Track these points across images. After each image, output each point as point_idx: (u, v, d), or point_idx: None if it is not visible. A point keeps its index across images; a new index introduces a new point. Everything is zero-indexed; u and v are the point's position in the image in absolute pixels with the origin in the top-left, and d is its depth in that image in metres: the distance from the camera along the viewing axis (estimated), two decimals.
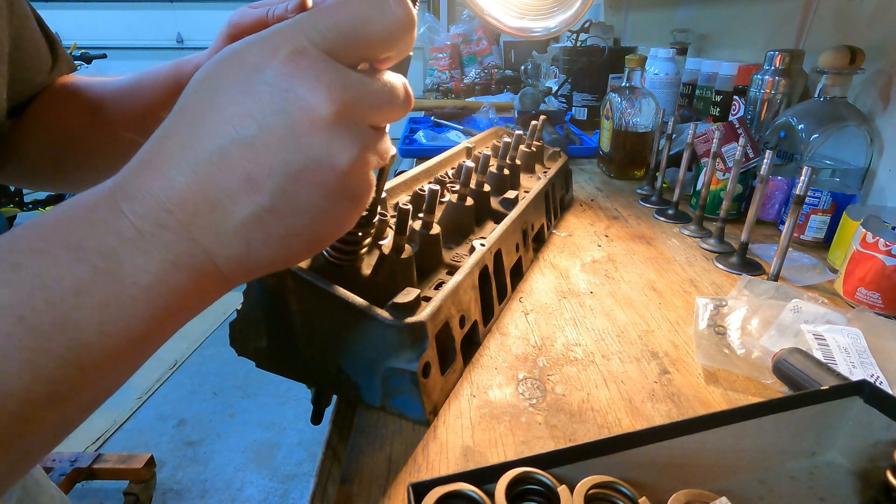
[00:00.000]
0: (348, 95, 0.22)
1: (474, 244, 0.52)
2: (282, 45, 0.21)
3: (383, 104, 0.23)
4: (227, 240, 0.22)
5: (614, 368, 0.47)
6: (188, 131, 0.22)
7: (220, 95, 0.21)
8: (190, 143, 0.21)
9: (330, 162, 0.22)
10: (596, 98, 1.46)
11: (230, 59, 0.22)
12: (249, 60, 0.21)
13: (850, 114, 0.72)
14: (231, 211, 0.22)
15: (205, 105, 0.22)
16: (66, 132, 0.49)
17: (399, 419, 0.40)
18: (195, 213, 0.21)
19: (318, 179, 0.22)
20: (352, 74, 0.22)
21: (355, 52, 0.22)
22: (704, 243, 0.72)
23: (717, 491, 0.29)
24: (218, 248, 0.22)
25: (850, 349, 0.45)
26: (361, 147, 0.23)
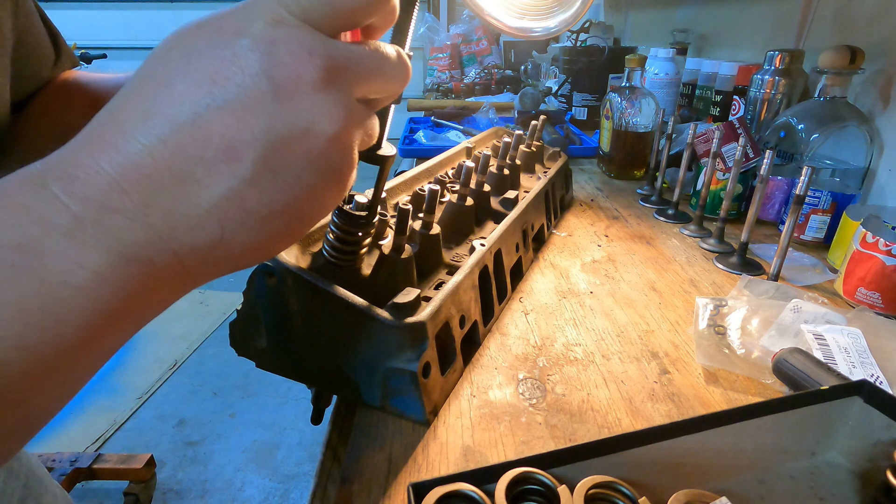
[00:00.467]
0: (332, 61, 0.20)
1: (474, 244, 0.52)
2: (259, 13, 0.20)
3: (372, 72, 0.22)
4: (198, 221, 0.19)
5: (614, 368, 0.47)
6: (153, 98, 0.19)
7: (193, 60, 0.19)
8: (156, 110, 0.19)
9: (314, 129, 0.20)
10: (596, 98, 1.46)
11: (203, 26, 0.20)
12: (226, 26, 0.20)
13: (850, 114, 0.72)
14: (206, 185, 0.19)
15: (173, 71, 0.19)
16: (68, 127, 0.49)
17: (399, 419, 0.40)
18: (158, 191, 0.19)
19: (303, 148, 0.20)
20: (335, 42, 0.21)
21: (335, 21, 0.21)
22: (704, 243, 0.72)
23: (717, 491, 0.29)
24: (183, 234, 0.19)
25: (850, 349, 0.45)
26: (347, 115, 0.21)
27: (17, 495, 0.47)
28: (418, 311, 0.40)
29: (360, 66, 0.22)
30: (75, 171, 0.18)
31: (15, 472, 0.48)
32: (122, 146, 0.19)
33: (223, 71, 0.19)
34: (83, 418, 1.73)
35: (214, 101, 0.19)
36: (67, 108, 0.49)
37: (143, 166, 0.18)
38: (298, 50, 0.20)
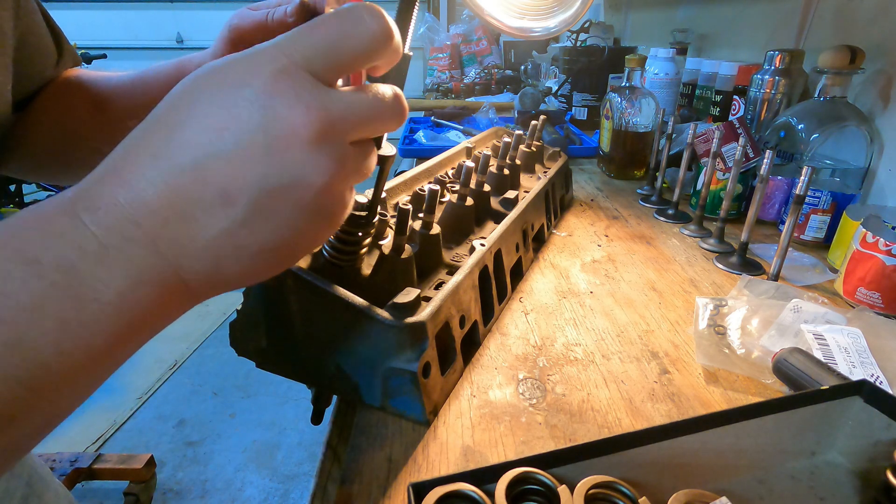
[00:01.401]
0: (328, 114, 0.22)
1: (474, 244, 0.52)
2: (264, 64, 0.21)
3: (368, 120, 0.24)
4: (197, 254, 0.22)
5: (614, 368, 0.47)
6: (162, 142, 0.21)
7: (199, 109, 0.21)
8: (163, 154, 0.21)
9: (306, 180, 0.22)
10: (596, 98, 1.46)
11: (210, 76, 0.22)
12: (231, 78, 0.22)
13: (850, 114, 0.72)
14: (203, 224, 0.21)
15: (181, 117, 0.22)
16: (71, 125, 0.49)
17: (399, 419, 0.40)
18: (164, 225, 0.21)
19: (294, 197, 0.22)
20: (333, 94, 0.22)
21: (337, 69, 0.23)
22: (704, 243, 0.72)
23: (717, 491, 0.29)
24: (186, 262, 0.22)
25: (850, 349, 0.45)
26: (339, 167, 0.23)
27: (20, 493, 0.47)
28: (418, 311, 0.40)
29: (356, 116, 0.23)
30: (98, 203, 0.21)
31: (17, 471, 0.48)
32: (134, 183, 0.21)
33: (224, 122, 0.21)
34: (83, 418, 1.73)
35: (214, 150, 0.21)
36: (69, 108, 0.49)
37: (150, 203, 0.21)
38: (296, 104, 0.21)
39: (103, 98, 0.50)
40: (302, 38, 0.22)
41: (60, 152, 0.51)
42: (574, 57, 1.50)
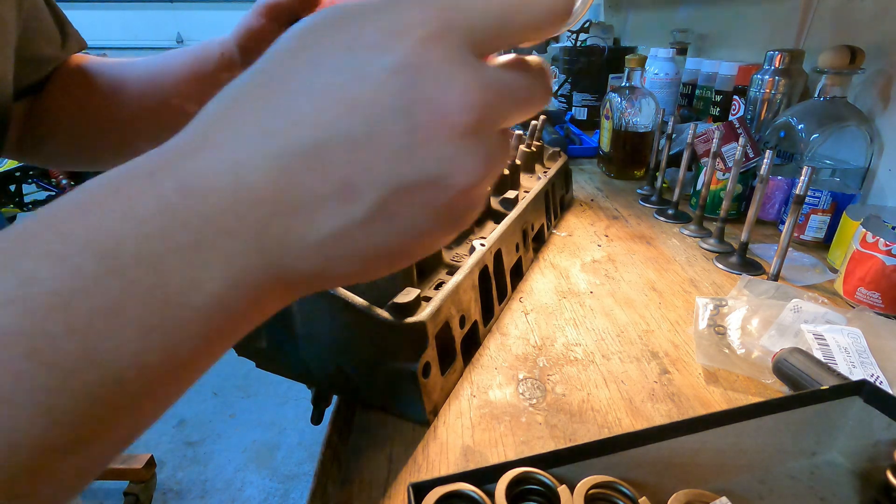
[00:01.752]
0: (486, 99, 0.17)
1: (474, 244, 0.52)
2: (413, 24, 0.16)
3: (522, 104, 0.19)
4: (305, 254, 0.18)
5: (614, 368, 0.47)
6: (274, 113, 0.17)
7: (323, 73, 0.17)
8: (276, 130, 0.17)
9: (448, 181, 0.18)
10: (596, 98, 1.46)
11: (341, 28, 0.17)
12: (367, 37, 0.17)
13: (850, 114, 0.72)
14: (316, 221, 0.17)
15: (301, 80, 0.17)
16: (85, 112, 0.50)
17: (399, 419, 0.40)
18: (270, 219, 0.17)
19: (427, 198, 0.18)
20: (491, 71, 0.18)
21: (501, 41, 0.18)
22: (704, 243, 0.72)
23: (717, 491, 0.29)
24: (291, 263, 0.18)
25: (850, 349, 0.45)
26: (487, 166, 0.18)
27: None
28: (418, 311, 0.40)
29: (512, 102, 0.18)
30: (192, 185, 0.17)
31: None
32: (237, 164, 0.17)
33: (355, 96, 0.17)
34: None
35: (340, 131, 0.17)
36: (84, 93, 0.49)
37: (257, 190, 0.17)
38: (449, 85, 0.16)
39: (118, 85, 0.49)
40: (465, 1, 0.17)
41: (76, 137, 0.51)
42: (574, 57, 1.50)
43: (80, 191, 0.17)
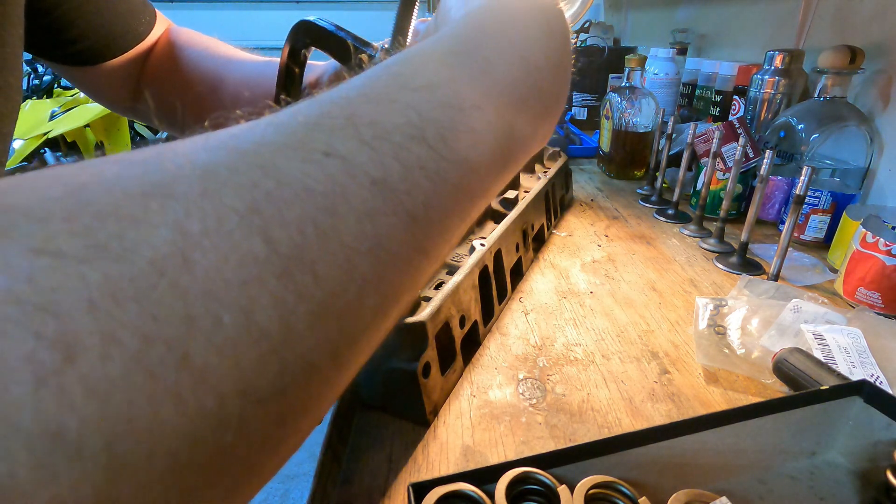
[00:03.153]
0: None
1: (474, 244, 0.52)
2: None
3: None
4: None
5: (614, 368, 0.47)
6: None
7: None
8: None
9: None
10: (596, 98, 1.46)
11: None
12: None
13: (850, 114, 0.72)
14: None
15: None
16: (183, 99, 0.53)
17: (399, 419, 0.40)
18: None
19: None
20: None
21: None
22: (704, 243, 0.72)
23: (717, 491, 0.29)
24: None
25: (850, 349, 0.45)
26: None
27: None
28: (418, 311, 0.39)
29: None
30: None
31: None
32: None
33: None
34: None
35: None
36: (186, 81, 0.52)
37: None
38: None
39: (217, 80, 0.52)
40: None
41: (178, 115, 0.55)
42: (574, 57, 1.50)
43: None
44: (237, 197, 0.12)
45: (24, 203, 0.10)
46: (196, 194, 0.11)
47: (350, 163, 0.14)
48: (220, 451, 0.10)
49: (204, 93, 0.52)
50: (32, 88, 2.79)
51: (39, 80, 2.82)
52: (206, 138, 0.13)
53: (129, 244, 0.10)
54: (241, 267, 0.11)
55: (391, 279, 0.15)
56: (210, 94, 0.52)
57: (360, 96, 0.16)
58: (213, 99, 0.52)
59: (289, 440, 0.13)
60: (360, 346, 0.15)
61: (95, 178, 0.11)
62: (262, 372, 0.11)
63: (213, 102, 0.52)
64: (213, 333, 0.10)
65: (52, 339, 0.08)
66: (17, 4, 0.36)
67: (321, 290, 0.12)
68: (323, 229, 0.13)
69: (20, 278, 0.09)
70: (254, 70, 0.51)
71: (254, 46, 0.56)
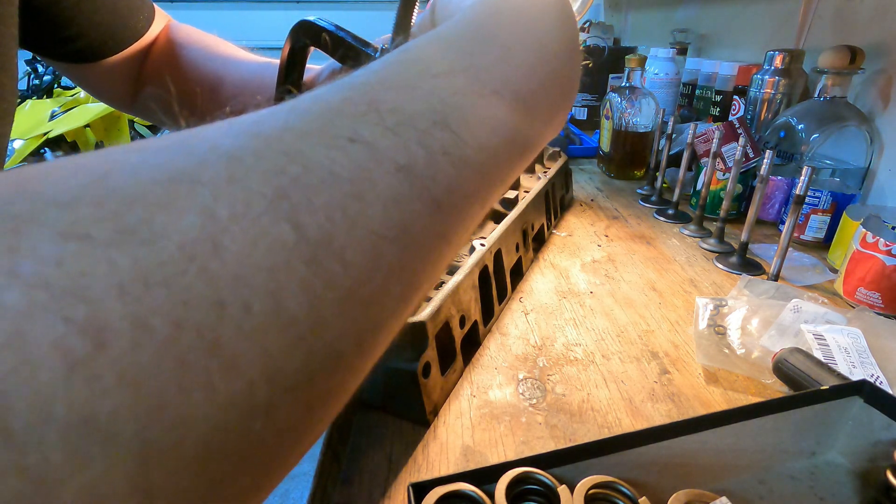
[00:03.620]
0: None
1: (474, 244, 0.52)
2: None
3: None
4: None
5: (614, 368, 0.47)
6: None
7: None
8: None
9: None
10: (596, 98, 1.46)
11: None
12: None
13: (850, 114, 0.72)
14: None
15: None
16: (185, 100, 0.53)
17: (399, 419, 0.40)
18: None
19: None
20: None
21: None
22: (704, 243, 0.72)
23: (717, 491, 0.29)
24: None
25: (850, 349, 0.45)
26: None
27: None
28: (418, 310, 0.39)
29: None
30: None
31: None
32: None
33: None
34: None
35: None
36: (186, 81, 0.52)
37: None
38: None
39: (217, 80, 0.52)
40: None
41: (186, 118, 0.55)
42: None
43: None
44: (264, 182, 0.12)
45: (51, 189, 0.10)
46: (223, 179, 0.11)
47: (375, 149, 0.14)
48: (250, 438, 0.10)
49: (204, 93, 0.52)
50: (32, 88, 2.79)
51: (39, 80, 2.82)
52: (230, 124, 0.13)
53: (158, 228, 0.10)
54: (270, 252, 0.11)
55: (415, 266, 0.14)
56: (210, 94, 0.52)
57: (381, 82, 0.16)
58: (213, 99, 0.52)
59: (315, 428, 0.13)
60: (384, 333, 0.15)
61: (120, 164, 0.11)
62: (290, 359, 0.11)
63: (213, 102, 0.52)
64: (243, 320, 0.10)
65: (81, 325, 0.08)
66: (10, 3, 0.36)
67: (349, 278, 0.12)
68: (351, 216, 0.13)
69: (49, 262, 0.09)
70: (254, 71, 0.51)
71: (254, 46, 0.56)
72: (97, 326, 0.08)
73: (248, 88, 0.50)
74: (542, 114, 0.20)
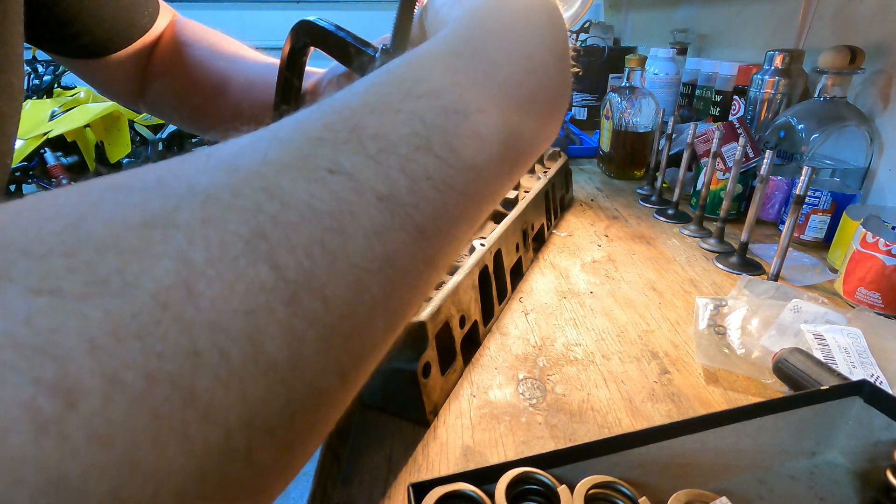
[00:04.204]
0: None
1: (474, 244, 0.52)
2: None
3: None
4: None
5: (614, 368, 0.47)
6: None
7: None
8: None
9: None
10: (596, 98, 1.46)
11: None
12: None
13: (850, 114, 0.72)
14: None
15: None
16: (189, 98, 0.52)
17: (399, 419, 0.40)
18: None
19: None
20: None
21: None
22: (704, 243, 0.72)
23: (717, 491, 0.29)
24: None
25: (850, 349, 0.45)
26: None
27: None
28: (418, 311, 0.40)
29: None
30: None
31: None
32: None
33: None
34: None
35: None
36: (192, 82, 0.52)
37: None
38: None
39: (222, 80, 0.52)
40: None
41: (189, 118, 0.55)
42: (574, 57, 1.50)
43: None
44: (241, 222, 0.11)
45: (23, 239, 0.10)
46: (199, 221, 0.11)
47: (356, 179, 0.14)
48: (228, 482, 0.10)
49: (209, 91, 0.52)
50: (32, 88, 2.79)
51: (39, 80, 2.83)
52: (207, 158, 0.13)
53: (131, 278, 0.10)
54: (247, 295, 0.11)
55: (400, 296, 0.14)
56: (215, 93, 0.52)
57: (364, 105, 0.16)
58: (219, 98, 0.52)
59: (296, 462, 0.13)
60: (369, 364, 0.15)
61: (95, 207, 0.11)
62: (270, 403, 0.11)
63: (219, 101, 0.52)
64: (220, 367, 0.10)
65: (51, 384, 0.08)
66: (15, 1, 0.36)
67: (331, 314, 0.12)
68: (331, 251, 0.12)
69: (18, 320, 0.08)
70: (259, 71, 0.51)
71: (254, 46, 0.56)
72: (67, 385, 0.08)
73: (253, 89, 0.50)
74: (531, 127, 0.20)
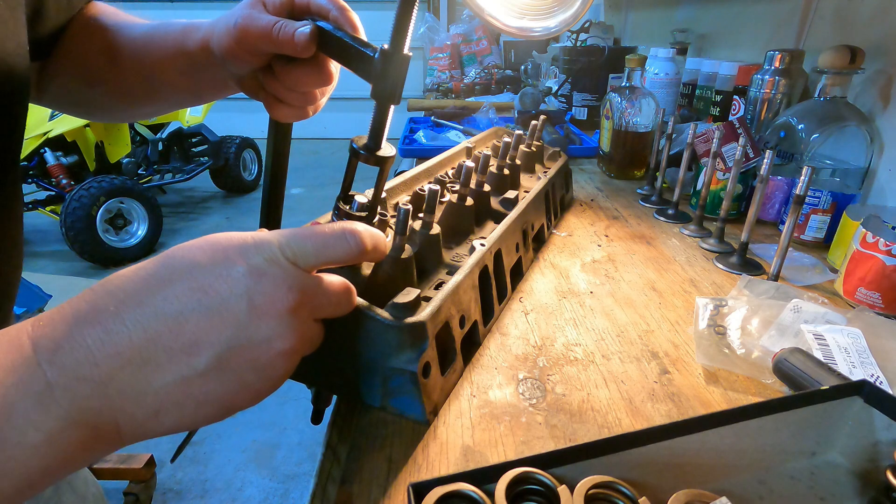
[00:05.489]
0: (303, 296, 0.27)
1: (474, 244, 0.52)
2: (261, 252, 0.26)
3: (329, 305, 0.30)
4: (143, 399, 0.23)
5: (614, 368, 0.47)
6: (151, 293, 0.24)
7: (196, 273, 0.25)
8: (150, 303, 0.23)
9: (270, 343, 0.25)
10: (596, 98, 1.46)
11: (213, 249, 0.26)
12: (233, 255, 0.25)
13: (850, 114, 0.72)
14: (163, 370, 0.23)
15: (176, 275, 0.25)
16: (88, 70, 0.51)
17: (399, 419, 0.40)
18: (123, 367, 0.22)
19: (253, 355, 0.25)
20: (309, 279, 0.28)
21: (316, 265, 0.29)
22: (704, 243, 0.72)
23: (717, 491, 0.29)
24: (129, 407, 0.23)
25: (850, 349, 0.45)
26: (300, 338, 0.27)
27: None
28: (418, 311, 0.39)
29: (322, 300, 0.29)
30: (62, 342, 0.22)
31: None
32: (110, 326, 0.23)
33: (216, 286, 0.25)
34: None
35: (199, 306, 0.24)
36: (88, 52, 0.50)
37: (119, 345, 0.22)
38: (281, 284, 0.26)
39: (117, 50, 0.50)
40: (296, 243, 0.28)
41: (81, 90, 0.53)
42: (574, 57, 1.50)
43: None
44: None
45: None
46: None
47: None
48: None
49: (101, 66, 0.50)
50: None
51: None
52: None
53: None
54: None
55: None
56: (107, 66, 0.50)
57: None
58: (111, 70, 0.50)
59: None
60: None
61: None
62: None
63: (111, 73, 0.51)
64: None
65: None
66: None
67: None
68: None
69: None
70: (149, 32, 0.49)
71: None
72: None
73: (146, 49, 0.49)
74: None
